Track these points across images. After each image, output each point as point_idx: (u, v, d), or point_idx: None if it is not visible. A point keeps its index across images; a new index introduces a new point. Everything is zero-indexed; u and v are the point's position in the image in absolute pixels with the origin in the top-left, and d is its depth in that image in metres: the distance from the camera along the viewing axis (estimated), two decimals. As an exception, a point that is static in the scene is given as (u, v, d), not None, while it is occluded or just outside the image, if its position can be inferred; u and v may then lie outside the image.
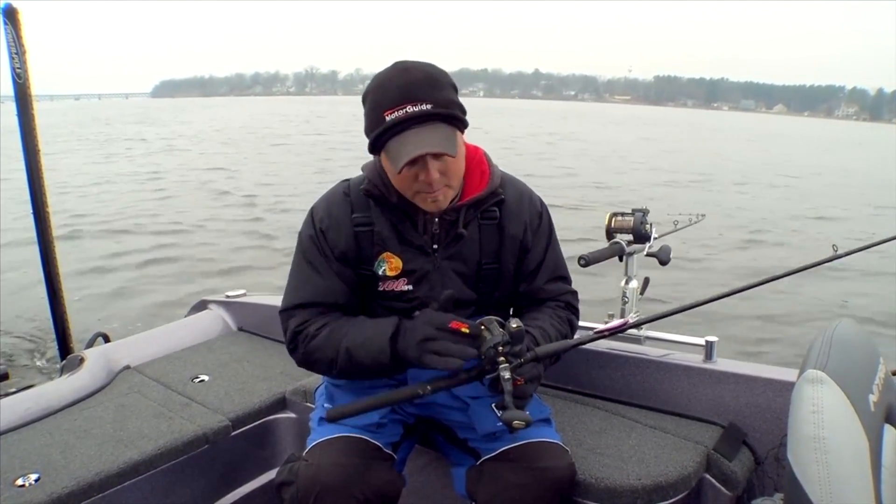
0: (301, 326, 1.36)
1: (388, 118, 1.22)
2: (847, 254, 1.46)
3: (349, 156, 17.21)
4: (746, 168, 19.54)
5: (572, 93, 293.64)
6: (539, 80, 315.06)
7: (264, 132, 30.66)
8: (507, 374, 1.12)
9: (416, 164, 1.24)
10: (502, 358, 1.14)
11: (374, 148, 1.28)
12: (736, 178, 16.78)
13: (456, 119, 1.26)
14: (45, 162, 2.84)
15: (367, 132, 1.28)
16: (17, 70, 2.66)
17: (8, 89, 2.72)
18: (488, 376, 1.17)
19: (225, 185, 13.81)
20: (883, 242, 1.61)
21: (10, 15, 2.65)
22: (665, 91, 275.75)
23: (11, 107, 2.74)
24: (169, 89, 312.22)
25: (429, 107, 1.22)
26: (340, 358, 1.31)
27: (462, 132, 1.31)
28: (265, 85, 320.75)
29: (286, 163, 17.99)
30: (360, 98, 1.30)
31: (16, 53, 2.65)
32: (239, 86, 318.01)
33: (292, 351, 1.39)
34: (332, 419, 1.21)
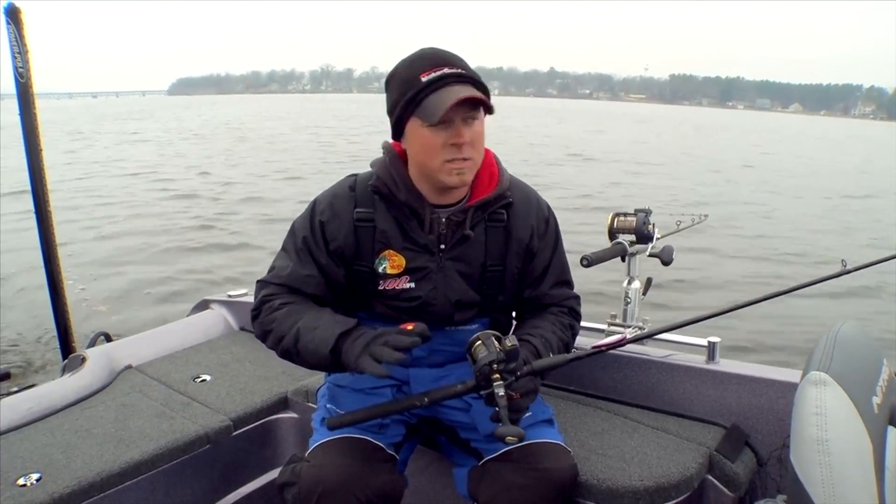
0: (269, 297, 1.37)
1: (424, 79, 1.25)
2: (857, 269, 1.46)
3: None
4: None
5: (587, 91, 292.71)
6: (554, 78, 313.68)
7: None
8: (500, 392, 1.14)
9: (449, 127, 1.26)
10: (497, 375, 1.16)
11: (403, 115, 1.29)
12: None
13: (486, 93, 1.28)
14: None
15: (394, 104, 1.29)
16: (20, 69, 2.66)
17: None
18: (483, 391, 1.19)
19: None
20: (893, 258, 1.60)
21: (13, 14, 2.65)
22: (680, 90, 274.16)
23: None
24: (185, 87, 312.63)
25: (464, 72, 1.27)
26: (289, 336, 1.30)
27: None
28: (281, 83, 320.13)
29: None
30: (374, 96, 1.31)
31: (18, 53, 2.65)
32: (255, 83, 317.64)
33: (254, 318, 1.39)
34: (332, 428, 1.26)
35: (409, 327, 1.20)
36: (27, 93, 2.68)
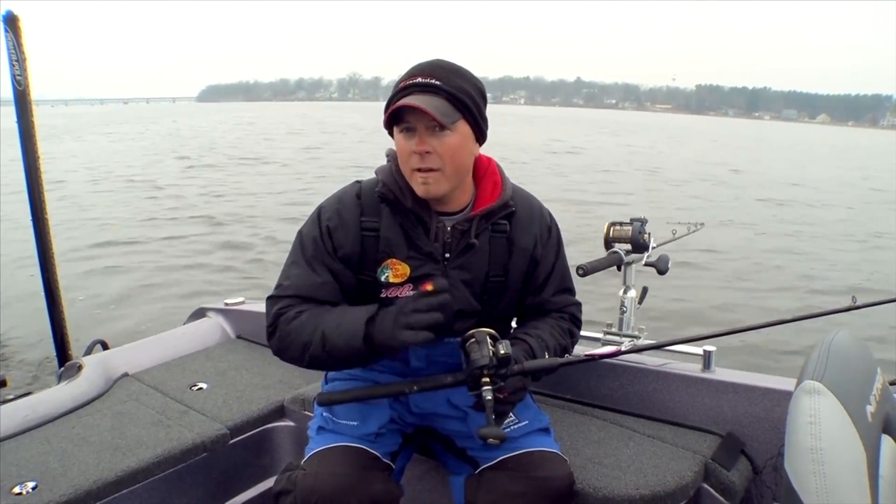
0: (283, 310, 1.35)
1: (400, 86, 1.29)
2: (866, 305, 1.46)
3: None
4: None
5: (613, 101, 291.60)
6: (581, 88, 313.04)
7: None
8: (489, 396, 1.17)
9: (412, 135, 1.28)
10: (486, 379, 1.19)
11: (389, 119, 1.31)
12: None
13: (462, 105, 1.28)
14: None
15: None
16: (18, 77, 2.67)
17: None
18: (472, 392, 1.21)
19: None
20: None
21: (11, 22, 2.66)
22: (706, 100, 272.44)
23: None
24: (215, 94, 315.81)
25: (437, 82, 1.27)
26: (314, 341, 1.28)
27: (472, 127, 1.32)
28: (308, 90, 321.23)
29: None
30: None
31: (16, 60, 2.66)
32: (283, 91, 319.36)
33: (270, 335, 1.37)
34: (322, 405, 1.32)
35: (429, 287, 1.21)
36: (24, 100, 2.69)
